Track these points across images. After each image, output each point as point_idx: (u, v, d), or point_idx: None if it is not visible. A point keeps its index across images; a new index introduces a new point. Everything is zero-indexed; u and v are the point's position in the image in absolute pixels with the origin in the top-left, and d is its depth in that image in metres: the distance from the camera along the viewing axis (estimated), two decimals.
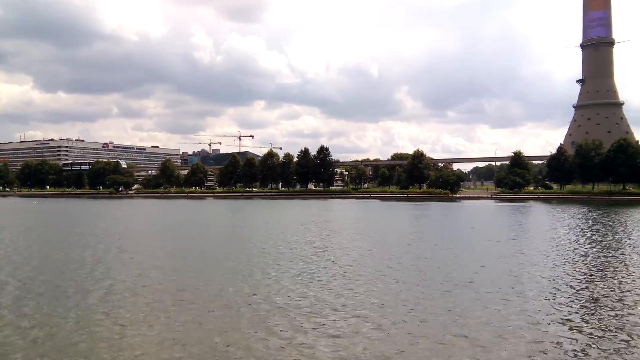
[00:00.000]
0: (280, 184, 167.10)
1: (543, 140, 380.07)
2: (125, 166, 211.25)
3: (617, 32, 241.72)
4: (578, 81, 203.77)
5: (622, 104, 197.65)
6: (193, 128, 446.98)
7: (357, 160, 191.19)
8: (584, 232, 37.10)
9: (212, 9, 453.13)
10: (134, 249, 28.02)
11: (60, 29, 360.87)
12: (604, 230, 38.66)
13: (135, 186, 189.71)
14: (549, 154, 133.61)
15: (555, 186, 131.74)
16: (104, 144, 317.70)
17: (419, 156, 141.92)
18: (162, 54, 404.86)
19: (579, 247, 28.25)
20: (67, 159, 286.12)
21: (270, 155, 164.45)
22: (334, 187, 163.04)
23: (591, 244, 29.39)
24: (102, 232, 37.47)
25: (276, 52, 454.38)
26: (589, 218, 52.00)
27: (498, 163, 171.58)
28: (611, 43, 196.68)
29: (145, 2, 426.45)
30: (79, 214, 68.37)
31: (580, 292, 16.65)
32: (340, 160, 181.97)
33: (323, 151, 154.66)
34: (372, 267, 21.24)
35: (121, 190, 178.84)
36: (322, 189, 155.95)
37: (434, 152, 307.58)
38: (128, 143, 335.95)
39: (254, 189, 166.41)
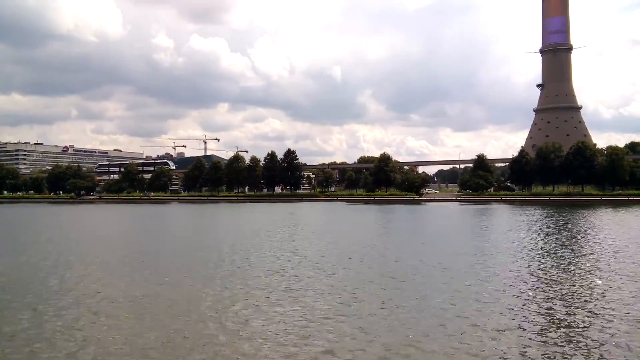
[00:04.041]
0: (247, 187, 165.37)
1: (504, 143, 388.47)
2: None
3: (575, 38, 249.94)
4: (538, 85, 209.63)
5: (580, 108, 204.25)
6: (155, 131, 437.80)
7: (324, 164, 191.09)
8: (548, 233, 37.79)
9: (172, 10, 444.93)
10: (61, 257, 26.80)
11: (13, 29, 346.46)
12: (563, 230, 39.48)
13: (97, 190, 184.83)
14: (510, 157, 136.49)
15: (516, 188, 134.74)
16: (64, 147, 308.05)
17: (385, 159, 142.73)
18: (122, 56, 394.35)
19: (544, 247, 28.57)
20: (25, 163, 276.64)
21: (237, 158, 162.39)
22: (301, 191, 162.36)
23: (552, 243, 29.80)
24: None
25: (239, 54, 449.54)
26: (552, 219, 53.06)
27: (462, 166, 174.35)
28: (569, 49, 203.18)
29: (103, 2, 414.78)
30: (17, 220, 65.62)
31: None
32: (307, 164, 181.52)
33: (290, 154, 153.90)
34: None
35: (82, 194, 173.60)
36: (289, 192, 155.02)
37: (398, 155, 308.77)
38: (89, 146, 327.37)
39: (220, 193, 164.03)
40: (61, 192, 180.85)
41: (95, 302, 16.39)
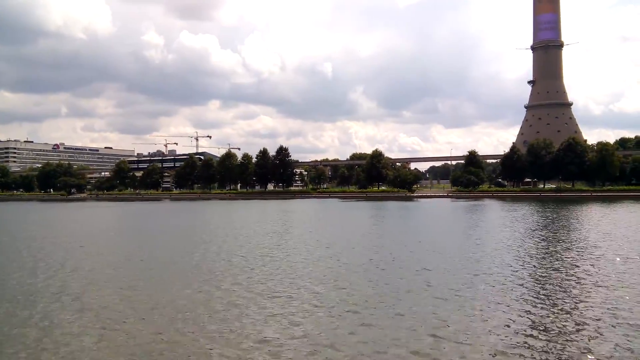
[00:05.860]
0: (239, 184, 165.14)
1: (495, 139, 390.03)
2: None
3: (566, 34, 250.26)
4: (529, 82, 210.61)
5: (571, 104, 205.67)
6: (146, 128, 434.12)
7: (316, 161, 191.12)
8: (539, 227, 38.09)
9: (161, 7, 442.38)
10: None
11: (1, 26, 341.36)
12: (551, 224, 39.81)
13: (87, 187, 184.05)
14: (501, 153, 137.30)
15: (507, 184, 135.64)
16: (55, 145, 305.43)
17: (377, 156, 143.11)
18: (112, 53, 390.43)
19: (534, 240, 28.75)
20: (15, 161, 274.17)
21: (229, 155, 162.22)
22: (294, 188, 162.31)
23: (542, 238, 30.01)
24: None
25: (230, 51, 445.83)
26: (539, 215, 53.40)
27: (454, 162, 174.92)
28: (560, 45, 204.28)
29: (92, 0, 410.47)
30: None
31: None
32: (299, 161, 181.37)
33: (282, 151, 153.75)
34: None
35: (73, 192, 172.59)
36: (281, 189, 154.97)
37: (390, 152, 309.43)
38: (79, 144, 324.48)
39: (212, 190, 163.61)
40: (52, 190, 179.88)
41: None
